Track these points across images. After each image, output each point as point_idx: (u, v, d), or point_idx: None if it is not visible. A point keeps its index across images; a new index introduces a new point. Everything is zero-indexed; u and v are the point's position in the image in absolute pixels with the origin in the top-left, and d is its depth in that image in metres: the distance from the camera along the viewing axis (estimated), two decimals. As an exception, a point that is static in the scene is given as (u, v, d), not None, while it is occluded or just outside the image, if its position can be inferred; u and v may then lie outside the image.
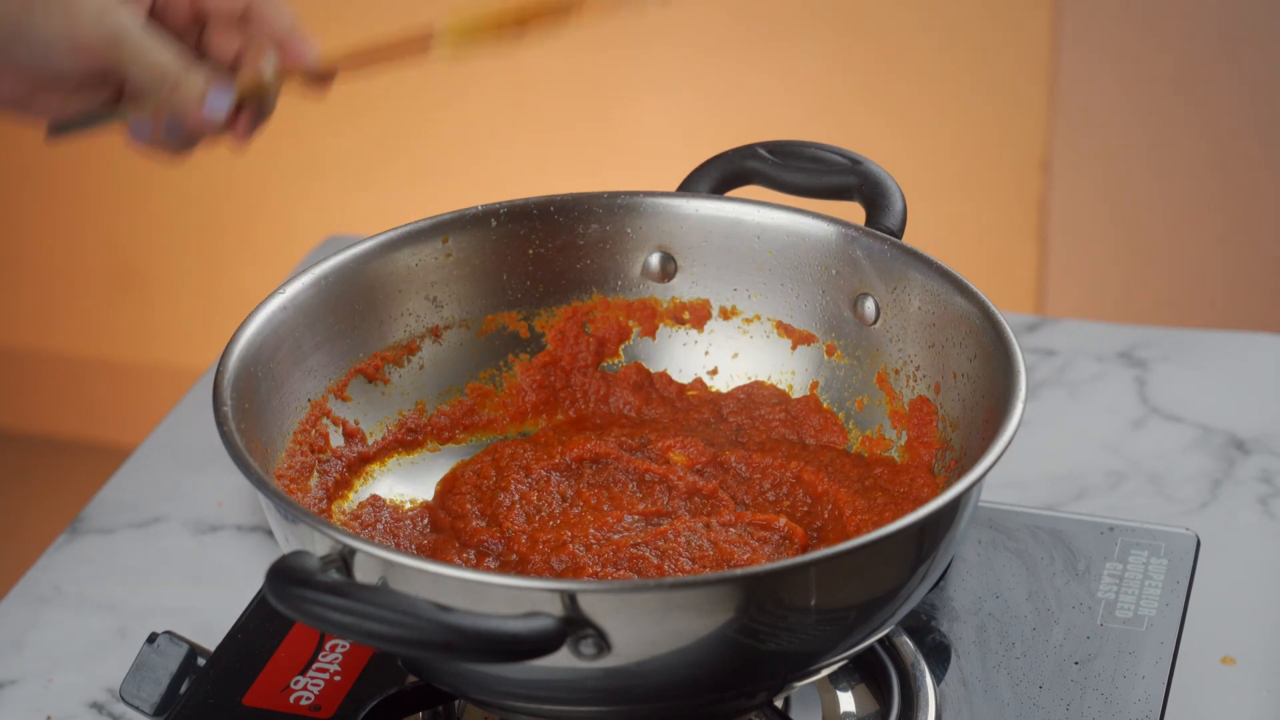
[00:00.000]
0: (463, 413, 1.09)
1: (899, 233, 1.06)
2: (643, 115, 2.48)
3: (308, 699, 1.01)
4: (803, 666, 0.91)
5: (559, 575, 0.97)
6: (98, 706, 1.08)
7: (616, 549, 0.98)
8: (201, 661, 1.03)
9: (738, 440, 1.08)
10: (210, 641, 1.07)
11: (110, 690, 1.09)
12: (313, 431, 1.03)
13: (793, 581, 0.85)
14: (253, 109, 1.04)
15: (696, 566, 0.97)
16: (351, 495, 1.04)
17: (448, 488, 1.05)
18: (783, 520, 1.01)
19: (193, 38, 1.04)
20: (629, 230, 1.10)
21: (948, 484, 0.97)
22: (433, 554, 1.00)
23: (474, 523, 1.01)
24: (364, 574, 0.86)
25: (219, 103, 1.02)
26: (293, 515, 0.88)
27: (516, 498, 1.03)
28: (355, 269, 1.05)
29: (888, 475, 1.03)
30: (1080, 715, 1.01)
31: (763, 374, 1.10)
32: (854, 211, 1.09)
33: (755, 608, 0.85)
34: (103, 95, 1.03)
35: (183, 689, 1.03)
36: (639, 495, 1.04)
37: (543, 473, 1.05)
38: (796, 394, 1.09)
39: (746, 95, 2.44)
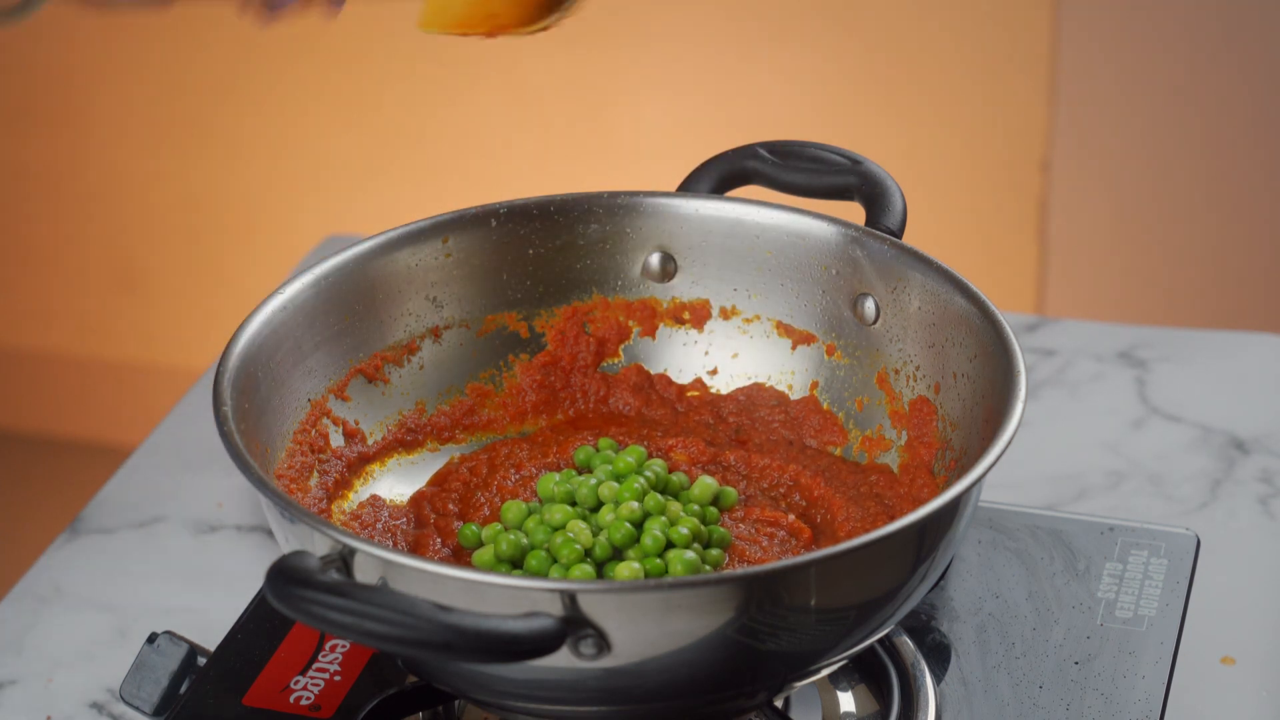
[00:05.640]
0: (463, 413, 1.09)
1: (899, 233, 1.06)
2: (643, 115, 2.48)
3: (308, 699, 1.01)
4: (803, 666, 0.91)
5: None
6: (98, 706, 1.08)
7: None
8: (201, 661, 1.03)
9: (737, 440, 1.08)
10: (210, 641, 1.07)
11: (110, 690, 1.09)
12: (313, 431, 1.03)
13: (792, 581, 0.86)
14: None
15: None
16: (351, 495, 1.04)
17: (438, 481, 1.05)
18: (792, 516, 1.01)
19: None
20: (629, 230, 1.10)
21: (948, 484, 0.97)
22: (413, 548, 1.00)
23: (454, 522, 1.01)
24: (364, 574, 0.86)
25: None
26: (293, 515, 0.88)
27: (495, 496, 1.03)
28: (355, 269, 1.05)
29: (884, 482, 1.03)
30: (1080, 715, 1.01)
31: (762, 374, 1.10)
32: (854, 211, 1.09)
33: (755, 608, 0.85)
34: None
35: (183, 689, 1.03)
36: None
37: (533, 470, 1.05)
38: (796, 394, 1.09)
39: (746, 95, 2.44)
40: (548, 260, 1.10)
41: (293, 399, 1.02)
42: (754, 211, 1.08)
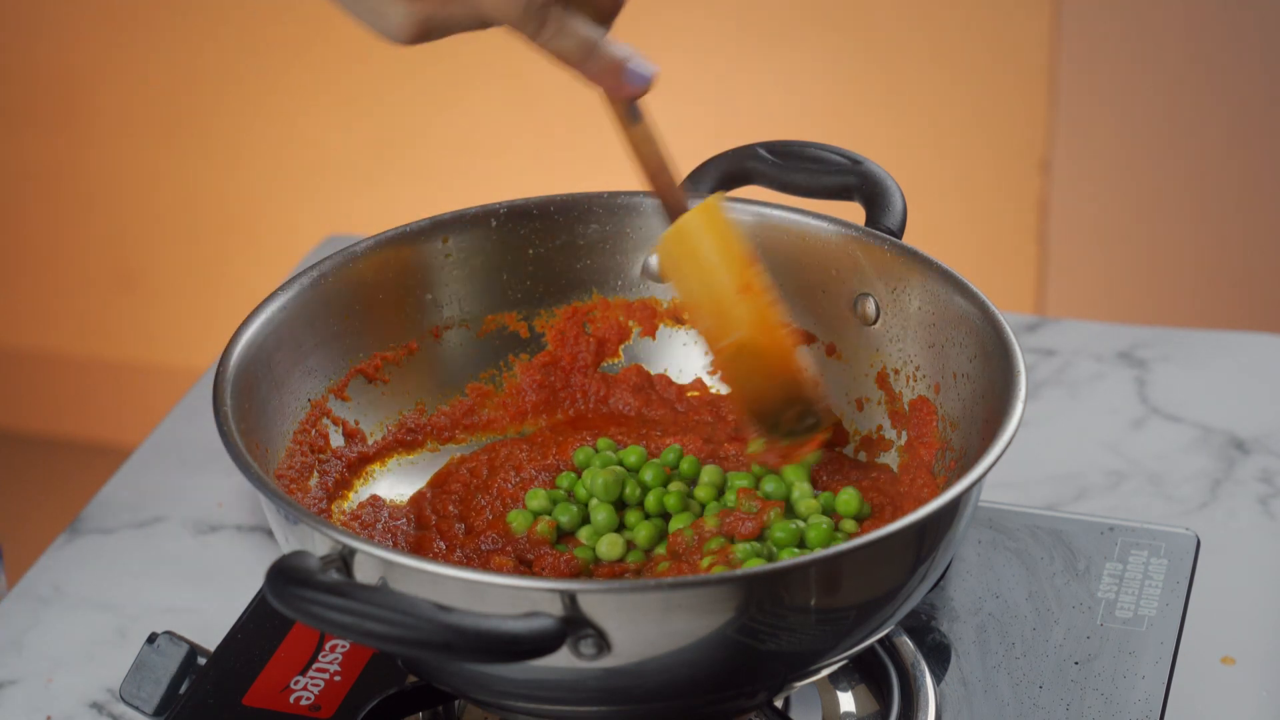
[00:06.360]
0: (463, 413, 1.09)
1: (899, 233, 1.06)
2: (643, 115, 2.48)
3: (308, 699, 1.01)
4: (803, 666, 0.91)
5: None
6: (98, 706, 1.08)
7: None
8: (201, 661, 1.03)
9: (736, 437, 1.08)
10: (210, 641, 1.07)
11: (110, 690, 1.09)
12: (313, 431, 1.03)
13: (793, 581, 0.86)
14: None
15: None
16: (351, 495, 1.04)
17: (439, 482, 1.05)
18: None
19: None
20: (629, 230, 1.10)
21: (948, 484, 0.97)
22: (414, 549, 1.00)
23: (455, 525, 1.01)
24: (364, 574, 0.86)
25: (642, 72, 0.95)
26: (293, 515, 0.88)
27: (495, 499, 1.03)
28: (355, 269, 1.05)
29: (884, 480, 1.03)
30: (1080, 715, 1.01)
31: (763, 374, 1.10)
32: (854, 211, 1.09)
33: (755, 608, 0.85)
34: None
35: (183, 689, 1.03)
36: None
37: (533, 471, 1.04)
38: (796, 394, 1.09)
39: (746, 95, 2.44)
40: (548, 260, 1.10)
41: (293, 399, 1.02)
42: (754, 211, 1.08)
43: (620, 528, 1.01)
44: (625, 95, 0.95)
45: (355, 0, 0.92)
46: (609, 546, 0.98)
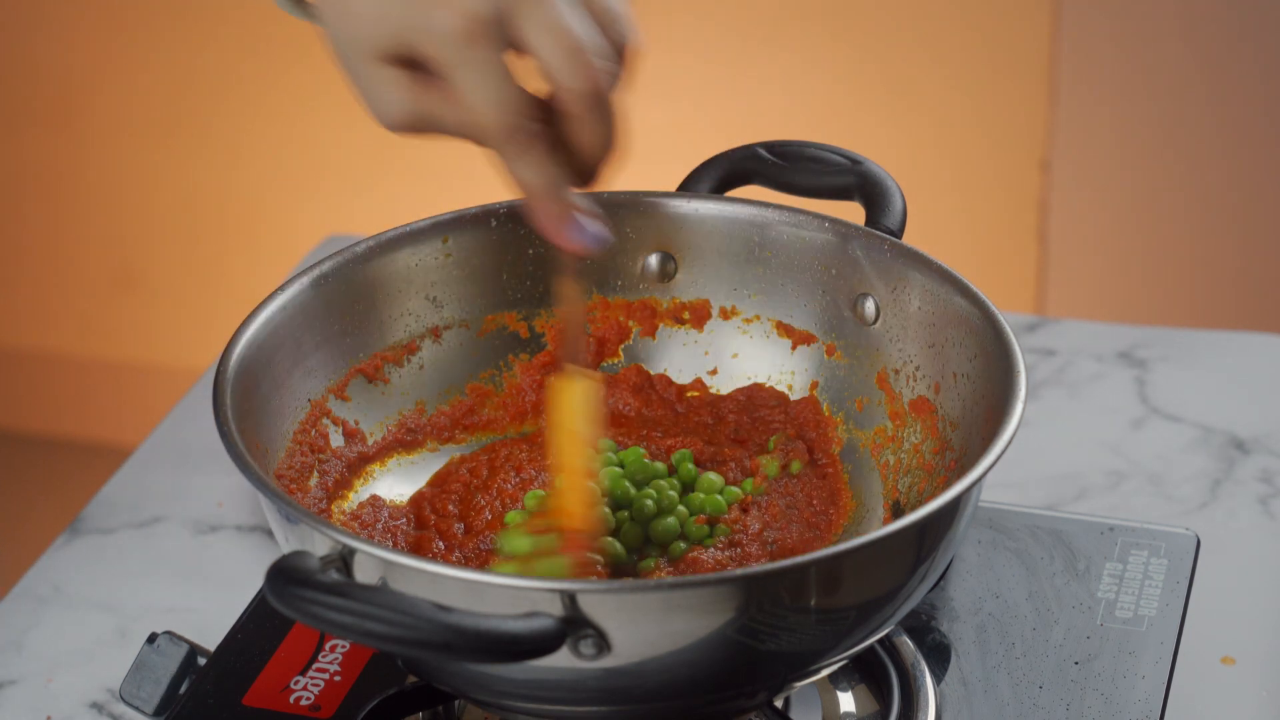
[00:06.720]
0: (463, 413, 1.09)
1: (899, 233, 1.06)
2: (643, 115, 2.48)
3: (308, 699, 1.01)
4: (803, 666, 0.91)
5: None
6: (98, 706, 1.08)
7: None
8: (202, 661, 1.03)
9: (736, 440, 1.08)
10: (210, 641, 1.07)
11: (110, 690, 1.09)
12: (313, 431, 1.03)
13: (792, 581, 0.86)
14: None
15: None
16: (351, 495, 1.04)
17: (438, 482, 1.05)
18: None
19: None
20: (629, 230, 1.10)
21: (947, 484, 0.97)
22: (413, 549, 1.00)
23: (455, 525, 1.01)
24: (364, 574, 0.86)
25: (592, 234, 0.93)
26: (293, 515, 0.88)
27: (495, 499, 1.03)
28: (355, 269, 1.05)
29: (885, 478, 1.04)
30: (1080, 715, 1.01)
31: (762, 374, 1.10)
32: (854, 211, 1.09)
33: (755, 608, 0.85)
34: None
35: (183, 689, 1.03)
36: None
37: (533, 472, 1.04)
38: (796, 394, 1.09)
39: (746, 95, 2.44)
40: (548, 260, 1.10)
41: (293, 399, 1.02)
42: (754, 211, 1.08)
43: (617, 530, 1.01)
44: (565, 246, 0.93)
45: (358, 76, 0.92)
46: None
